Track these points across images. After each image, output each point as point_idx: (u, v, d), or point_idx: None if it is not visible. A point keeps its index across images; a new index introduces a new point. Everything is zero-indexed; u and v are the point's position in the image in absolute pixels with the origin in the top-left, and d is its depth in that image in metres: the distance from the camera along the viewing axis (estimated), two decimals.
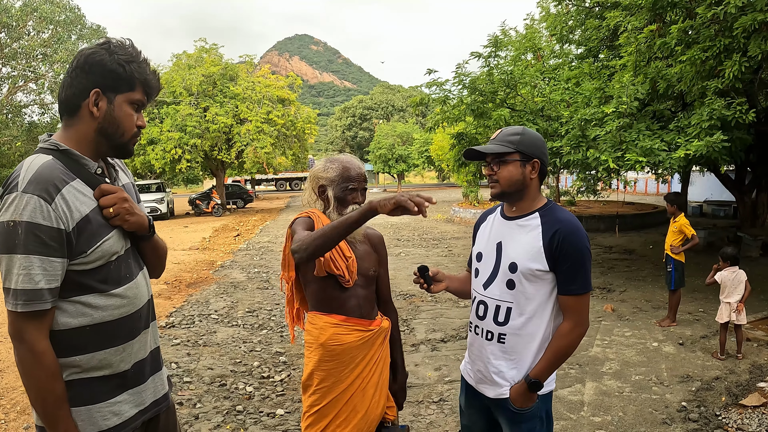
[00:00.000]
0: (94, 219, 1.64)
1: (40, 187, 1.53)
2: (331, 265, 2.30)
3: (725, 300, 5.58)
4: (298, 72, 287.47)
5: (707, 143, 6.69)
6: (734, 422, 4.18)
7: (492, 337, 2.18)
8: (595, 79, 8.94)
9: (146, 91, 1.75)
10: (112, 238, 1.69)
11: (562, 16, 11.89)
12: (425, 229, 18.41)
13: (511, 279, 2.12)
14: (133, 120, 1.73)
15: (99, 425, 1.69)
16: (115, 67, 1.65)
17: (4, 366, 5.68)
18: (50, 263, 1.54)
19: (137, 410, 1.81)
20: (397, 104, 71.34)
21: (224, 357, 5.86)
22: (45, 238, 1.52)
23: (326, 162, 2.44)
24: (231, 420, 4.36)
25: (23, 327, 1.55)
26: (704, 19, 6.82)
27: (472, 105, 9.44)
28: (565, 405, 4.52)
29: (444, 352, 5.84)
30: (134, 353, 1.78)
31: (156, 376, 1.91)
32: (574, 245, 2.03)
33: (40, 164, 1.58)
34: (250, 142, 25.06)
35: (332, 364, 2.35)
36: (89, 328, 1.65)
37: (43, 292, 1.54)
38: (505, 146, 2.12)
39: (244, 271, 11.14)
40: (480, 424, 2.37)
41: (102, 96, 1.66)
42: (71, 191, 1.60)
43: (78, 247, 1.60)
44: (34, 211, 1.51)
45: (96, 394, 1.69)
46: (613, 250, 12.80)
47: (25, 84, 28.96)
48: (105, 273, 1.67)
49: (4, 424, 4.34)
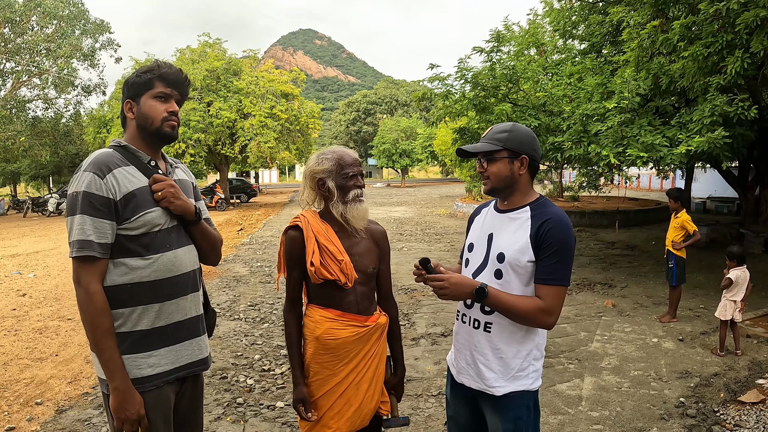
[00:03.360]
0: (140, 195, 2.06)
1: (96, 167, 2.01)
2: (324, 272, 2.33)
3: (732, 298, 5.56)
4: (303, 66, 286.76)
5: (709, 139, 6.68)
6: (732, 419, 4.19)
7: (479, 325, 2.21)
8: (597, 74, 8.93)
9: (167, 83, 2.14)
10: (155, 213, 2.09)
11: (565, 11, 11.87)
12: (428, 223, 18.42)
13: (499, 269, 2.15)
14: (158, 108, 2.13)
15: (134, 373, 2.04)
16: (135, 79, 2.14)
17: (7, 359, 5.74)
18: (100, 223, 1.98)
19: (172, 367, 2.14)
20: (401, 99, 71.17)
21: (226, 350, 5.90)
22: (96, 204, 1.98)
23: (318, 156, 2.47)
24: (231, 412, 4.41)
25: (79, 271, 1.98)
26: (707, 15, 6.80)
27: (474, 100, 9.43)
28: (563, 400, 4.55)
29: (444, 346, 5.87)
30: (171, 314, 2.13)
31: (194, 341, 2.24)
32: (558, 237, 2.05)
33: (100, 152, 2.07)
34: (253, 137, 25.06)
35: (327, 357, 2.38)
36: (130, 285, 2.04)
37: (93, 243, 1.96)
38: (492, 144, 2.17)
39: (247, 265, 11.19)
40: (465, 415, 2.38)
41: (132, 103, 2.16)
42: (122, 172, 2.05)
43: (124, 214, 2.02)
44: (90, 183, 1.98)
45: (135, 346, 2.06)
46: (615, 246, 12.80)
47: (28, 79, 29.00)
48: (147, 240, 2.07)
49: (8, 416, 4.39)
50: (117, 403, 1.98)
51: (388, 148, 46.40)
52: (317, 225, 2.42)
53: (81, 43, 29.58)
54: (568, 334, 6.26)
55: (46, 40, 28.12)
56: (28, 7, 27.05)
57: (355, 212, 2.40)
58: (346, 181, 2.39)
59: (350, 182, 2.40)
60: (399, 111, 68.39)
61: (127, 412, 1.98)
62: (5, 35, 27.14)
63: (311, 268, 2.32)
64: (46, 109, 30.90)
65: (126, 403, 1.98)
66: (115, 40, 31.50)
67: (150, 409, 2.05)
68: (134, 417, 1.99)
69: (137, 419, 2.00)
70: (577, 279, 9.22)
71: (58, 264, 11.94)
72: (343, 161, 2.41)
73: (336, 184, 2.39)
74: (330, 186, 2.40)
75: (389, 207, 26.09)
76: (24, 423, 4.29)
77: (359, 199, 2.41)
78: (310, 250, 2.36)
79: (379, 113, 69.38)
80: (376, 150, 48.09)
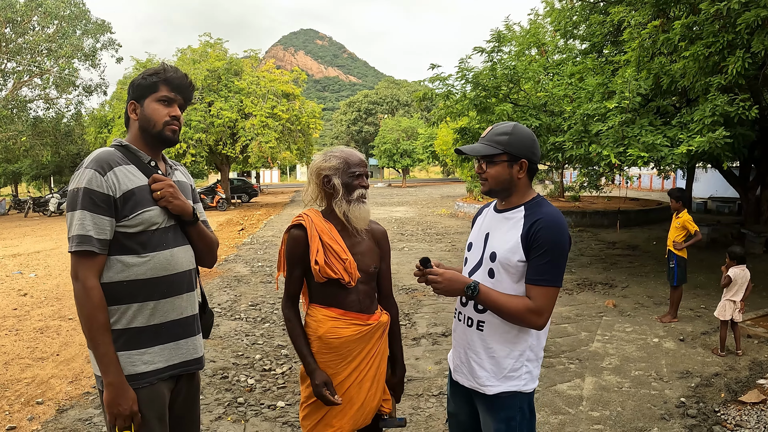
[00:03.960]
0: (139, 193, 2.09)
1: (97, 164, 2.05)
2: (328, 270, 2.34)
3: (732, 298, 5.55)
4: (303, 66, 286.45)
5: (709, 139, 6.68)
6: (733, 419, 4.19)
7: (472, 323, 2.23)
8: (598, 74, 8.93)
9: (171, 88, 2.18)
10: (153, 212, 2.12)
11: (566, 12, 11.87)
12: (429, 223, 18.43)
13: (491, 268, 2.17)
14: (160, 112, 2.17)
15: (128, 370, 2.06)
16: (141, 81, 2.18)
17: (8, 359, 5.75)
18: (99, 219, 2.01)
19: (166, 364, 2.16)
20: (402, 99, 71.12)
21: (226, 350, 5.90)
22: (96, 200, 2.01)
23: (325, 154, 2.48)
24: (232, 412, 4.41)
25: (78, 266, 2.01)
26: (708, 15, 6.80)
27: (475, 100, 9.44)
28: (563, 399, 4.55)
29: (445, 346, 5.87)
30: (166, 312, 2.15)
31: (189, 340, 2.26)
32: (549, 237, 2.03)
33: (101, 150, 2.11)
34: (254, 137, 25.05)
35: (329, 356, 2.38)
36: (126, 283, 2.07)
37: (92, 239, 1.99)
38: (492, 147, 2.15)
39: (248, 265, 11.19)
40: (464, 412, 2.40)
41: (136, 104, 2.19)
42: (123, 171, 2.09)
43: (122, 212, 2.06)
44: (91, 180, 2.01)
45: (130, 343, 2.08)
46: (616, 246, 12.80)
47: (30, 79, 29.03)
48: (144, 239, 2.10)
49: (9, 416, 4.40)
50: (110, 398, 2.01)
51: (389, 148, 46.39)
52: (321, 224, 2.42)
53: (82, 43, 29.60)
54: (569, 334, 6.26)
55: (48, 40, 28.15)
56: (29, 7, 27.07)
57: (358, 212, 2.40)
58: (352, 179, 2.41)
59: (356, 181, 2.41)
60: (400, 111, 68.35)
61: (120, 407, 2.00)
62: (6, 35, 27.17)
63: (315, 267, 2.32)
64: (47, 109, 30.95)
65: (119, 398, 2.00)
66: (116, 40, 31.55)
67: (144, 405, 2.08)
68: (126, 412, 2.01)
69: (130, 415, 2.02)
70: (578, 279, 9.22)
71: (59, 264, 11.96)
72: (350, 160, 2.43)
73: (342, 181, 2.40)
74: (335, 183, 2.40)
75: (390, 207, 26.09)
76: (25, 422, 4.29)
77: (363, 200, 2.42)
78: (314, 248, 2.36)
79: (380, 113, 69.37)
80: (377, 150, 48.07)
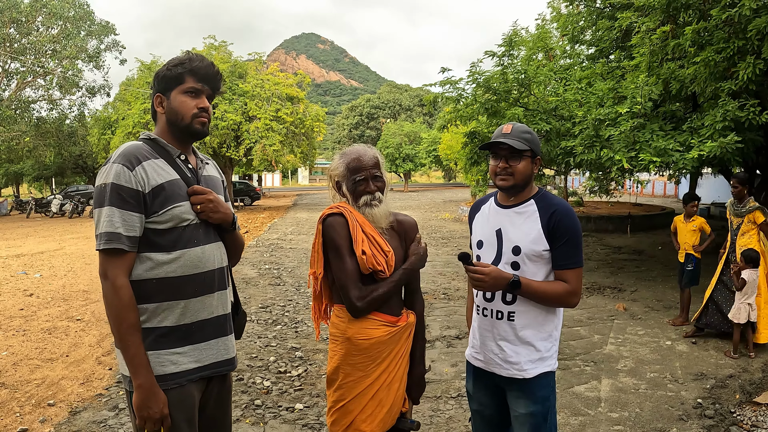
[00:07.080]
0: (169, 188, 2.02)
1: (125, 159, 1.96)
2: (373, 261, 2.30)
3: (747, 301, 5.58)
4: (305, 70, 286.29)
5: (721, 144, 6.71)
6: (749, 419, 4.22)
7: (502, 316, 2.33)
8: (607, 79, 8.95)
9: (198, 79, 2.09)
10: (184, 207, 2.05)
11: (573, 17, 11.90)
12: (433, 228, 18.45)
13: (515, 261, 2.30)
14: (188, 104, 2.09)
15: (157, 370, 1.99)
16: (166, 72, 2.09)
17: (17, 359, 5.72)
18: (129, 215, 1.94)
19: (196, 365, 2.08)
20: (405, 103, 71.30)
21: (240, 351, 5.89)
22: (125, 195, 1.93)
23: (336, 158, 2.46)
24: (250, 414, 4.40)
25: (106, 265, 1.93)
26: (718, 21, 6.82)
27: (486, 104, 9.47)
28: (582, 401, 4.56)
29: (459, 349, 5.88)
30: (196, 312, 2.08)
31: (221, 340, 2.18)
32: (569, 225, 2.26)
33: (129, 144, 2.04)
34: (258, 140, 25.05)
35: (359, 358, 2.33)
36: (155, 281, 2.00)
37: (121, 236, 1.92)
38: (522, 143, 2.28)
39: (255, 267, 11.20)
40: (491, 407, 2.46)
41: (162, 97, 2.11)
42: (152, 165, 2.01)
43: (152, 207, 1.98)
44: (119, 175, 1.93)
45: (159, 342, 2.01)
46: (622, 251, 12.81)
47: (33, 79, 29.11)
48: (175, 235, 2.03)
49: (20, 417, 4.36)
50: (140, 401, 1.93)
51: (391, 152, 46.45)
52: (359, 215, 2.38)
53: (86, 45, 29.71)
54: (582, 337, 6.28)
55: (52, 40, 28.23)
56: (33, 7, 27.16)
57: (371, 217, 2.37)
58: (355, 186, 2.37)
59: (360, 188, 2.36)
60: (402, 115, 68.50)
61: (150, 410, 1.93)
62: (11, 35, 27.24)
63: (363, 257, 2.27)
64: (50, 109, 31.01)
65: (149, 401, 1.93)
66: (120, 41, 31.68)
67: (172, 407, 1.99)
68: (157, 416, 1.94)
69: (160, 418, 1.95)
70: (586, 283, 9.23)
71: (64, 264, 11.96)
72: (351, 165, 2.37)
73: (348, 188, 2.39)
74: (344, 190, 2.41)
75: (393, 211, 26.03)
76: (37, 424, 4.23)
77: (371, 204, 2.36)
78: (358, 238, 2.30)
79: (382, 117, 69.49)
80: None
